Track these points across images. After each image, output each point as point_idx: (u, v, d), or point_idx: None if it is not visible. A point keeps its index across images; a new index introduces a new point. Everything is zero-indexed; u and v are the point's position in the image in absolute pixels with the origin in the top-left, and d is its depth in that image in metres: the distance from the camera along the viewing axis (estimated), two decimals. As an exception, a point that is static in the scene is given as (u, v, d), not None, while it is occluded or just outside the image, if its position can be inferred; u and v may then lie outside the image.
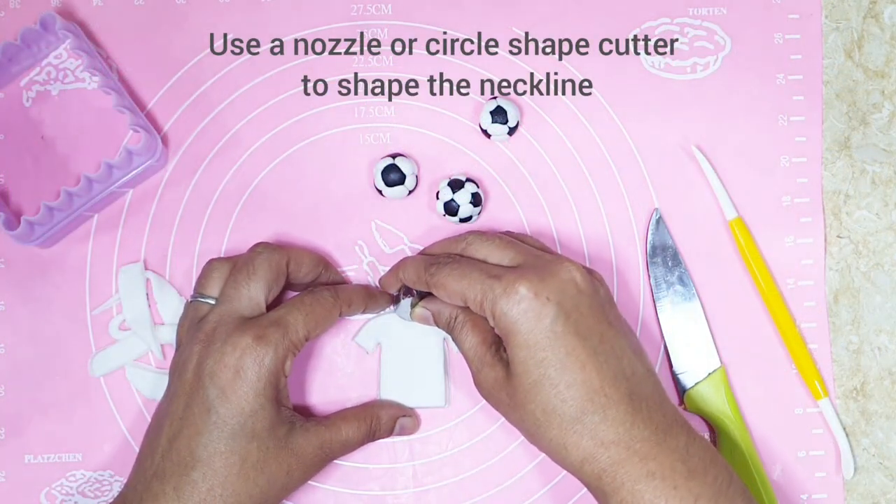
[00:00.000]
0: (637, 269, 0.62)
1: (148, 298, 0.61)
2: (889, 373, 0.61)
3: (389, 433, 0.59)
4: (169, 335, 0.61)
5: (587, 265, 0.61)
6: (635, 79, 0.62)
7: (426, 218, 0.62)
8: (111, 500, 0.55)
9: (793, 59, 0.62)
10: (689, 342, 0.61)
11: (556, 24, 0.63)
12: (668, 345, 0.61)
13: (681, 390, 0.60)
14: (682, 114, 0.62)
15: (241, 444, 0.53)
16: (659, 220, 0.61)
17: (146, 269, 0.61)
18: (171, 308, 0.61)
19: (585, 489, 0.53)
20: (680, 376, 0.60)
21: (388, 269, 0.60)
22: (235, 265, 0.57)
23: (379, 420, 0.59)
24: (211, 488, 0.52)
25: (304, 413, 0.60)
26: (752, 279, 0.61)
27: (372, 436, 0.59)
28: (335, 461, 0.59)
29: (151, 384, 0.61)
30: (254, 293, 0.55)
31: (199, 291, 0.57)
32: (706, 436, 0.61)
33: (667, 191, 0.62)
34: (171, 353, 0.61)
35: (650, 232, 0.61)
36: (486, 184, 0.62)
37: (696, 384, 0.60)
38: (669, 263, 0.61)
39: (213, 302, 0.56)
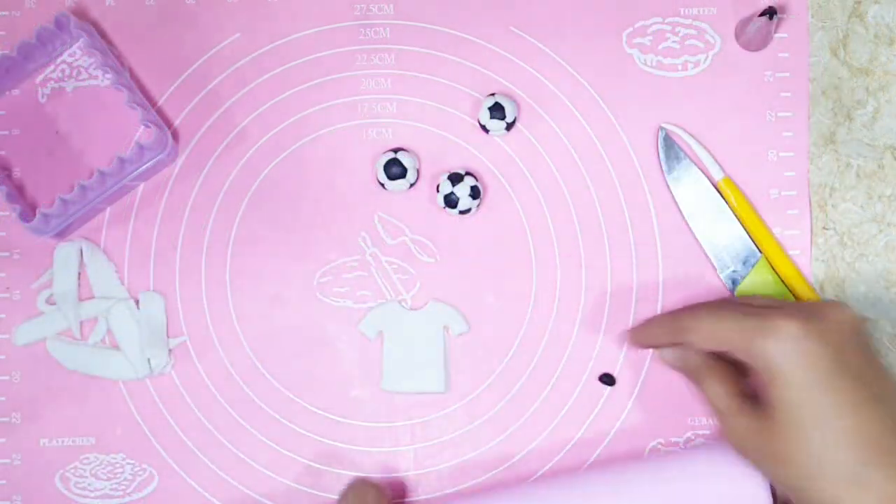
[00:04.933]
0: (629, 265, 0.63)
1: (79, 277, 0.62)
2: (873, 360, 0.62)
3: None
4: (91, 310, 0.61)
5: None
6: (629, 76, 0.63)
7: (427, 210, 0.62)
8: None
9: (780, 56, 0.63)
10: (725, 243, 0.61)
11: (554, 23, 0.63)
12: (708, 253, 0.61)
13: (733, 290, 0.61)
14: (674, 110, 0.62)
15: None
16: (666, 138, 0.62)
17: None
18: (102, 277, 0.61)
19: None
20: (727, 278, 0.61)
21: (390, 259, 0.61)
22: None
23: None
24: None
25: (307, 399, 0.62)
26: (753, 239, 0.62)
27: None
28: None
29: (71, 357, 0.61)
30: None
31: None
32: None
33: (660, 184, 0.62)
34: (89, 327, 0.61)
35: (661, 150, 0.62)
36: (485, 178, 0.62)
37: (743, 279, 0.61)
38: (686, 173, 0.61)
39: None
